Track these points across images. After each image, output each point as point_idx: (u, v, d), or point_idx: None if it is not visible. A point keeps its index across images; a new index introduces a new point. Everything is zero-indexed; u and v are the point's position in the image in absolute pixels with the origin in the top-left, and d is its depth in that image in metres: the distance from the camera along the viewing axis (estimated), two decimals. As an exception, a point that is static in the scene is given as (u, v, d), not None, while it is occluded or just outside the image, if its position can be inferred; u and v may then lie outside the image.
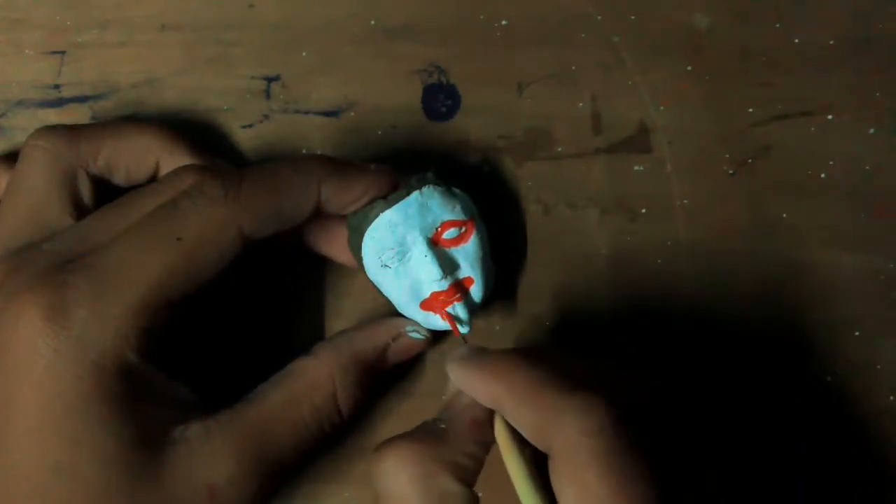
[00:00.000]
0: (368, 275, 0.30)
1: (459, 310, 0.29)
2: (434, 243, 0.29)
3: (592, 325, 0.33)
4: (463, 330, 0.30)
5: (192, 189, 0.27)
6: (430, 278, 0.29)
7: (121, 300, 0.25)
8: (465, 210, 0.30)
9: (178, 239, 0.26)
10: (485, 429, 0.26)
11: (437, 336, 0.31)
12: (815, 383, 0.32)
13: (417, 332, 0.31)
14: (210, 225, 0.26)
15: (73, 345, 0.25)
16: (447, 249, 0.30)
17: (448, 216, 0.30)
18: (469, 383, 0.26)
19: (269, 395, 0.28)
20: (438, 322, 0.30)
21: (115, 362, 0.25)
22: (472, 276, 0.30)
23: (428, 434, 0.25)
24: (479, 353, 0.26)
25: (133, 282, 0.25)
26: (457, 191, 0.30)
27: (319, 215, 0.29)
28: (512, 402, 0.24)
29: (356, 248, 0.30)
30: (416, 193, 0.29)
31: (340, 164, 0.29)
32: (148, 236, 0.26)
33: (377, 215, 0.29)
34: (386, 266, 0.29)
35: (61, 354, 0.25)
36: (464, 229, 0.30)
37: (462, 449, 0.25)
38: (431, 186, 0.29)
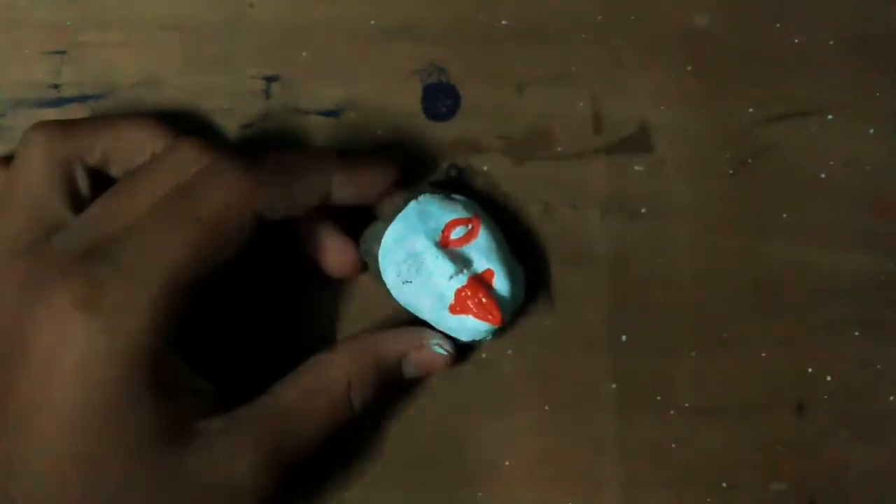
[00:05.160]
0: (398, 300, 0.30)
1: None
2: (444, 246, 0.29)
3: (592, 325, 0.32)
4: (495, 323, 0.29)
5: (209, 168, 0.27)
6: (446, 275, 0.29)
7: (146, 286, 0.25)
8: (467, 209, 0.30)
9: (198, 219, 0.26)
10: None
11: (461, 353, 0.31)
12: (815, 383, 0.32)
13: (441, 346, 0.30)
14: (229, 203, 0.27)
15: (102, 334, 0.25)
16: (458, 249, 0.30)
17: (450, 216, 0.30)
18: None
19: (288, 389, 0.28)
20: (474, 324, 0.29)
21: (143, 350, 0.25)
22: (491, 268, 0.30)
23: None
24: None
25: (157, 267, 0.26)
26: (457, 196, 0.30)
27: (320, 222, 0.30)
28: None
29: (378, 275, 0.30)
30: (412, 203, 0.30)
31: (350, 157, 0.30)
32: (167, 219, 0.26)
33: (381, 234, 0.29)
34: (408, 282, 0.29)
35: (91, 344, 0.25)
36: (470, 226, 0.30)
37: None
38: (427, 194, 0.30)
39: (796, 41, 0.34)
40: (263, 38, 0.34)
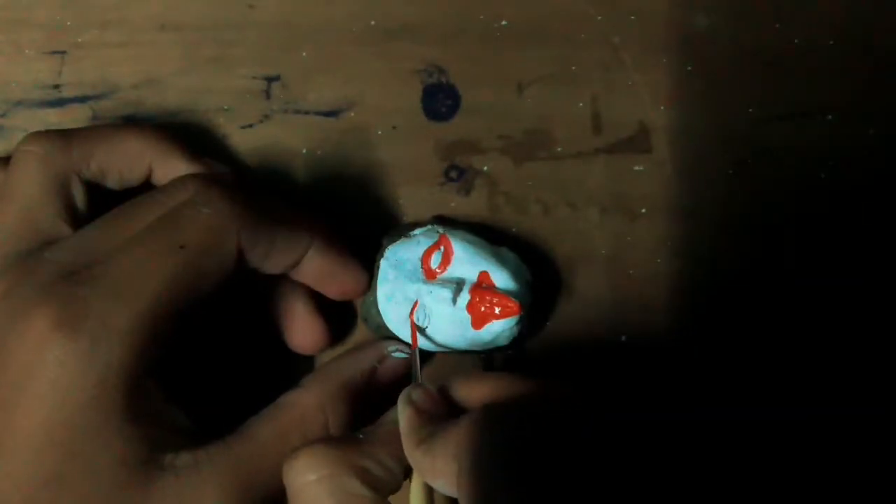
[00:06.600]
0: (428, 349, 0.30)
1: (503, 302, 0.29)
2: (431, 279, 0.30)
3: (592, 325, 0.33)
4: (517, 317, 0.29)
5: (193, 197, 0.27)
6: (448, 301, 0.29)
7: (128, 312, 0.25)
8: (429, 236, 0.30)
9: (181, 247, 0.26)
10: (400, 445, 0.26)
11: (423, 354, 0.31)
12: (815, 383, 0.32)
13: (401, 351, 0.30)
14: (212, 232, 0.26)
15: (80, 357, 0.25)
16: (445, 274, 0.30)
17: (419, 251, 0.30)
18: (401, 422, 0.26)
19: (259, 429, 0.28)
20: (499, 325, 0.29)
21: (119, 376, 0.25)
22: (483, 269, 0.30)
23: (343, 440, 0.26)
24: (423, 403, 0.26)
25: (139, 292, 0.25)
26: (413, 232, 0.31)
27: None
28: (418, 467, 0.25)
29: (394, 339, 0.31)
30: (382, 262, 0.30)
31: (330, 235, 0.30)
32: (152, 246, 0.26)
33: (375, 306, 0.30)
34: (425, 328, 0.30)
35: (68, 367, 0.25)
36: (442, 248, 0.30)
37: (373, 457, 0.26)
38: (387, 249, 0.30)
39: (796, 41, 0.34)
40: (263, 38, 0.34)
